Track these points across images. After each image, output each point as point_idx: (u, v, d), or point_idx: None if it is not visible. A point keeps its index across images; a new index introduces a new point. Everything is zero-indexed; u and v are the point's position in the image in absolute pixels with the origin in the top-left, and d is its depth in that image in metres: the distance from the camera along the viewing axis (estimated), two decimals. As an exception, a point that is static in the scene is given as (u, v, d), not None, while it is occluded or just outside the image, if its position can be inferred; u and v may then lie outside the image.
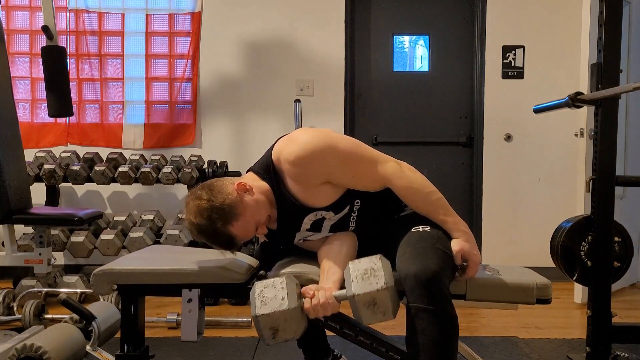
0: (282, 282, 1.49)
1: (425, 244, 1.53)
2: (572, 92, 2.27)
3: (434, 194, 1.63)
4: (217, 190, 1.57)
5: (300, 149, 1.57)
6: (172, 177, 3.73)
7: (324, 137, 1.61)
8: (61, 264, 3.98)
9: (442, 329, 1.43)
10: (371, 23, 4.32)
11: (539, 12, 4.18)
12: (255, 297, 1.48)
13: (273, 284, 1.50)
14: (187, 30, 4.19)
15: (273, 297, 1.46)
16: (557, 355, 2.56)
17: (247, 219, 1.58)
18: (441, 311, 1.43)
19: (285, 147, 1.61)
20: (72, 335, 1.98)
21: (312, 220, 1.67)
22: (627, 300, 3.61)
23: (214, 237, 1.57)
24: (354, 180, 1.64)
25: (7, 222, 3.13)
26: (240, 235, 1.59)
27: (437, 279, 1.44)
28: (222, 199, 1.55)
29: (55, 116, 3.48)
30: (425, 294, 1.43)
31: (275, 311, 1.45)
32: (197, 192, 1.58)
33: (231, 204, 1.55)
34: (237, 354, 2.56)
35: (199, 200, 1.56)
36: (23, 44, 4.17)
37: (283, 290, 1.47)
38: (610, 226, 2.19)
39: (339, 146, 1.61)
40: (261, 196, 1.62)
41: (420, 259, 1.47)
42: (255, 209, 1.59)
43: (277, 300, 1.46)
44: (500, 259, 4.05)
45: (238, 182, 1.61)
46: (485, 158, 4.21)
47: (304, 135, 1.61)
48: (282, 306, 1.45)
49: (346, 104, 4.21)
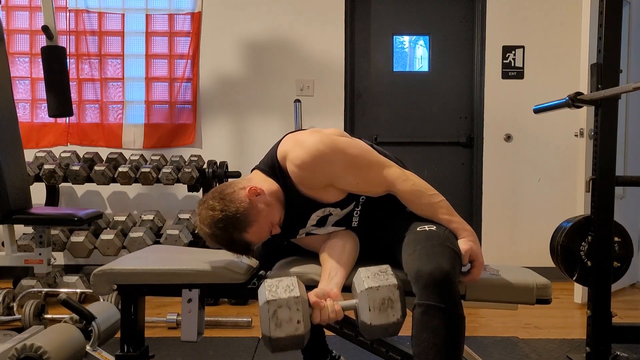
0: (297, 304, 1.40)
1: (434, 242, 1.52)
2: (572, 92, 2.27)
3: (437, 196, 1.65)
4: (229, 200, 1.55)
5: (307, 154, 1.56)
6: (172, 177, 3.73)
7: (330, 143, 1.59)
8: (61, 264, 3.98)
9: (453, 328, 1.43)
10: (371, 23, 4.32)
11: (539, 12, 4.18)
12: (268, 317, 1.40)
13: (287, 304, 1.40)
14: (187, 30, 4.19)
15: (288, 319, 1.40)
16: (557, 355, 2.55)
17: (261, 224, 1.58)
18: (452, 310, 1.43)
19: (291, 150, 1.60)
20: (72, 335, 1.98)
21: (319, 217, 1.68)
22: (627, 300, 3.61)
23: (230, 245, 1.58)
24: (357, 186, 1.65)
25: (7, 222, 3.13)
26: (255, 241, 1.60)
27: (450, 278, 1.44)
28: (235, 208, 1.54)
29: (55, 116, 3.48)
30: (438, 292, 1.42)
31: (291, 335, 1.40)
32: (209, 202, 1.57)
33: (245, 212, 1.54)
34: (237, 354, 2.56)
35: (212, 211, 1.54)
36: (23, 44, 4.17)
37: (299, 313, 1.40)
38: (610, 226, 2.19)
39: (346, 153, 1.61)
40: (272, 198, 1.61)
41: (433, 258, 1.46)
42: (268, 212, 1.58)
43: (292, 324, 1.40)
44: (500, 259, 4.04)
45: (249, 187, 1.58)
46: (485, 158, 4.21)
47: (311, 139, 1.59)
48: (298, 330, 1.40)
49: (346, 104, 4.22)
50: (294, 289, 1.43)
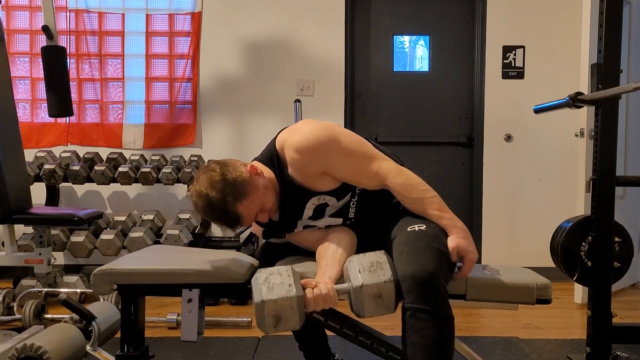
0: (288, 270, 1.49)
1: (422, 243, 1.53)
2: (573, 92, 2.27)
3: (429, 192, 1.66)
4: (231, 167, 1.60)
5: (304, 138, 1.62)
6: (172, 177, 3.73)
7: (327, 130, 1.65)
8: (61, 264, 3.98)
9: (439, 330, 1.44)
10: (371, 23, 4.32)
11: (539, 12, 4.18)
12: (260, 282, 1.46)
13: (278, 271, 1.49)
14: (187, 30, 4.19)
15: (280, 283, 1.45)
16: (557, 356, 2.55)
17: (255, 200, 1.60)
18: (438, 312, 1.44)
19: (289, 137, 1.66)
20: (72, 335, 1.98)
21: (315, 205, 1.69)
22: (627, 300, 3.61)
23: (220, 211, 1.57)
24: (351, 175, 1.67)
25: (7, 222, 3.13)
26: (244, 215, 1.60)
27: (433, 280, 1.45)
28: (236, 175, 1.58)
29: (55, 116, 3.48)
30: (422, 294, 1.43)
31: (283, 297, 1.43)
32: (210, 165, 1.61)
33: (243, 182, 1.58)
34: (237, 354, 2.56)
35: (212, 172, 1.58)
36: (23, 44, 4.17)
37: (290, 278, 1.46)
38: (611, 226, 2.19)
39: (341, 140, 1.65)
40: (269, 183, 1.65)
41: (417, 260, 1.48)
42: (263, 192, 1.62)
43: (284, 287, 1.44)
44: (500, 259, 4.05)
45: (251, 164, 1.65)
46: (485, 158, 4.21)
47: (308, 126, 1.66)
48: (290, 292, 1.43)
49: (346, 104, 4.21)
50: (286, 267, 1.51)
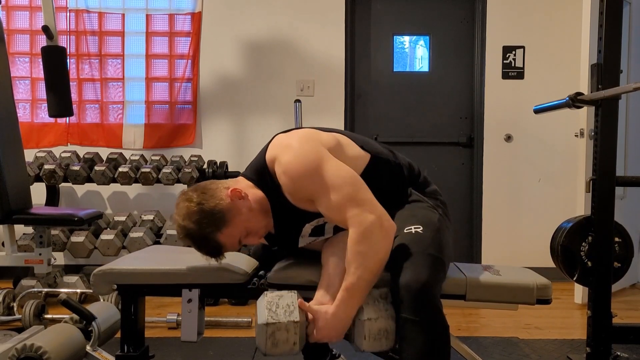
0: (296, 327, 1.44)
1: (417, 249, 1.49)
2: (573, 93, 2.27)
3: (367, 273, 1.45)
4: (209, 194, 1.51)
5: (292, 160, 1.50)
6: (172, 177, 3.73)
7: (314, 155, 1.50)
8: (61, 264, 3.98)
9: (429, 340, 1.42)
10: (371, 23, 4.32)
11: (539, 12, 4.18)
12: (266, 337, 1.43)
13: (286, 327, 1.44)
14: (187, 30, 4.19)
15: (285, 340, 1.44)
16: (557, 356, 2.55)
17: (238, 226, 1.52)
18: (428, 322, 1.42)
19: (279, 154, 1.54)
20: (72, 335, 1.98)
21: (313, 227, 1.64)
22: (627, 300, 3.61)
23: (199, 242, 1.52)
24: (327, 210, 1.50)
25: (7, 222, 3.13)
26: (227, 244, 1.53)
27: (426, 290, 1.42)
28: (214, 203, 1.49)
29: (55, 116, 3.48)
30: (414, 305, 1.41)
31: (285, 352, 1.44)
32: (188, 194, 1.53)
33: (222, 210, 1.49)
34: (237, 354, 2.56)
35: (189, 202, 1.50)
36: (23, 44, 4.17)
37: (296, 336, 1.44)
38: (611, 226, 2.19)
39: (324, 173, 1.48)
40: (255, 205, 1.55)
41: (410, 268, 1.45)
42: (246, 217, 1.53)
43: (288, 344, 1.44)
44: (500, 259, 4.05)
45: (233, 187, 1.54)
46: (485, 158, 4.21)
47: (298, 146, 1.52)
48: (293, 351, 1.45)
49: (346, 104, 4.21)
50: (294, 311, 1.45)
